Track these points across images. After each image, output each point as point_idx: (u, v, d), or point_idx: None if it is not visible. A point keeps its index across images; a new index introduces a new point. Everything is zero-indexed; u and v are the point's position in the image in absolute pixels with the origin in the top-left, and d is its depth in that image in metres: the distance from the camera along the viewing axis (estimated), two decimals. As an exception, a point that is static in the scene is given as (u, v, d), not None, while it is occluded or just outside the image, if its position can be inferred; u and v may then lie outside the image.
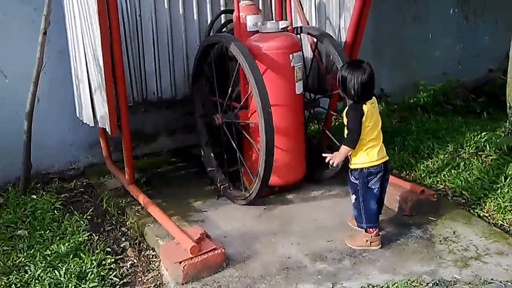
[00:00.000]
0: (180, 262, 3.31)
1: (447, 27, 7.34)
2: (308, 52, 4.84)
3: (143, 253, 3.84)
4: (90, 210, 4.43)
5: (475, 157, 4.92)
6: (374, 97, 3.55)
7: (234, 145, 4.27)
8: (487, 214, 4.12)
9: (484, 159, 4.88)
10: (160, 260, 3.64)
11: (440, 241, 3.72)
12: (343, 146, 3.54)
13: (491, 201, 4.23)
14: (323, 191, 4.50)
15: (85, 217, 4.31)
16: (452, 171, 4.73)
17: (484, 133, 5.32)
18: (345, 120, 3.54)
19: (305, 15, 4.88)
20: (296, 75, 4.16)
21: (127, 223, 4.23)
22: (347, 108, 3.56)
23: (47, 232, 4.04)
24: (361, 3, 4.29)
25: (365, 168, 3.55)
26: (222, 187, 4.44)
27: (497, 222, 4.01)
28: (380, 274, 3.36)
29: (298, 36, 4.47)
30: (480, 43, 7.61)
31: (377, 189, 3.59)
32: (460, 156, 5.00)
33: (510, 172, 4.44)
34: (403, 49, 7.02)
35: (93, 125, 4.40)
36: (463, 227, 3.88)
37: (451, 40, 7.41)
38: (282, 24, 4.22)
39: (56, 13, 4.45)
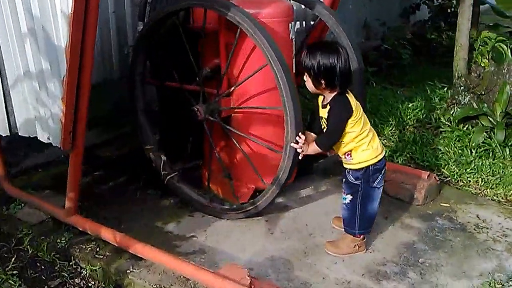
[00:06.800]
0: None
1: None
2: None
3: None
4: (12, 259, 3.02)
5: (425, 131, 4.61)
6: None
7: (212, 144, 3.28)
8: (479, 191, 3.83)
9: (434, 131, 4.61)
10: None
11: (475, 229, 3.32)
12: (316, 144, 2.84)
13: (473, 177, 3.96)
14: (312, 187, 3.73)
15: (7, 271, 2.92)
16: (413, 147, 4.35)
17: (414, 103, 5.03)
18: (325, 115, 2.81)
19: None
20: (293, 50, 3.30)
21: (83, 271, 2.97)
22: (330, 101, 2.77)
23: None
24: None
25: (371, 165, 2.87)
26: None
27: (493, 198, 3.74)
28: (456, 281, 2.86)
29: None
30: (344, 11, 7.32)
31: (381, 187, 2.97)
32: (408, 130, 4.65)
33: (473, 144, 4.23)
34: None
35: (7, 134, 2.98)
36: (480, 210, 3.53)
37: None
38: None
39: None
